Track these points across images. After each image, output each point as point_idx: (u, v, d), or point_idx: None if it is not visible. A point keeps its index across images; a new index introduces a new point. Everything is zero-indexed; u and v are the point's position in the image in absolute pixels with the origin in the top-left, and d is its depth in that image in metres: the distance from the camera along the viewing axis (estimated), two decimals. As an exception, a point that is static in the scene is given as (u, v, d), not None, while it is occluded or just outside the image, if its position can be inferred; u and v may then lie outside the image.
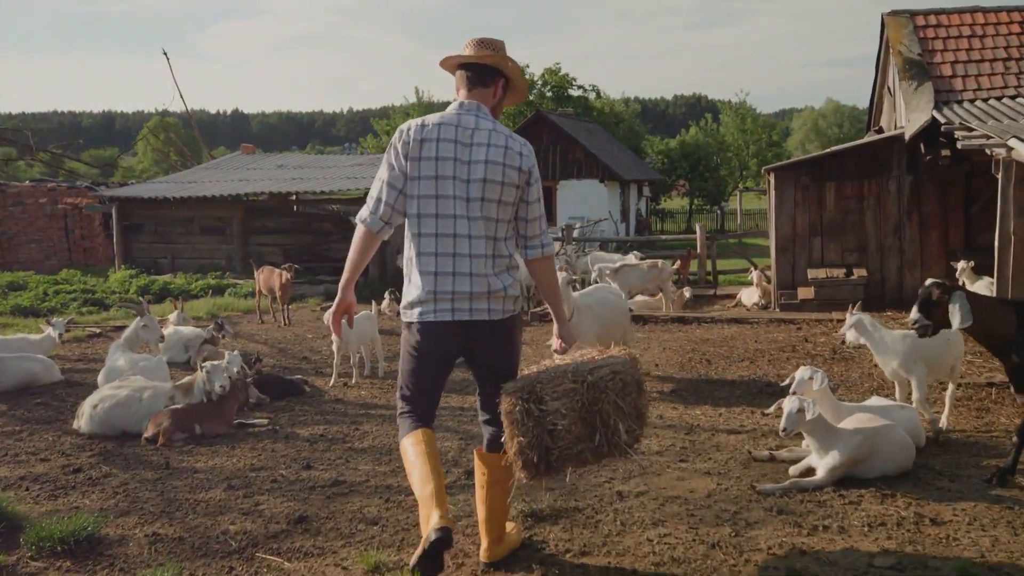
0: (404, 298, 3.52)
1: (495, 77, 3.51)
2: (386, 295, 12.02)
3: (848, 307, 6.07)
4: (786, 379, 5.11)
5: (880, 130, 14.35)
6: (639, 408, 3.43)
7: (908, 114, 10.87)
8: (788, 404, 4.58)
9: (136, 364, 7.28)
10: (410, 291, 3.48)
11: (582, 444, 3.34)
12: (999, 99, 10.66)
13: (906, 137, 10.81)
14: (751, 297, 12.44)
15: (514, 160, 3.40)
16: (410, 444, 3.47)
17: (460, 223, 3.37)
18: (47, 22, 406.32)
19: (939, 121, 9.97)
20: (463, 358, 3.62)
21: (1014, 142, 6.88)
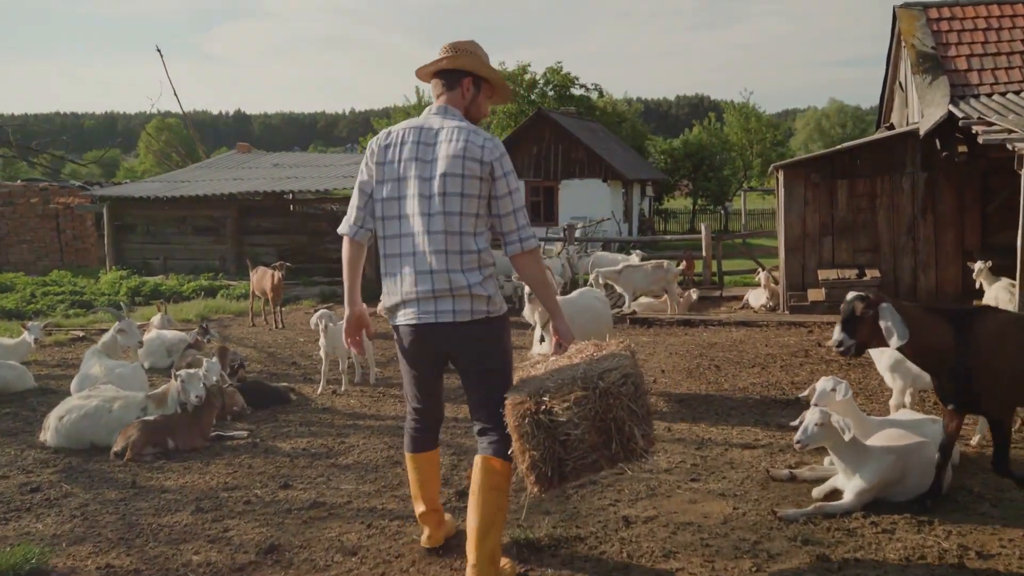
0: (380, 302, 3.51)
1: (459, 78, 3.50)
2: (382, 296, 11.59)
3: None
4: (802, 389, 4.68)
5: (891, 127, 13.91)
6: (648, 408, 3.33)
7: (922, 109, 10.44)
8: (810, 416, 4.16)
9: (112, 371, 6.86)
10: (383, 296, 3.48)
11: (597, 453, 3.19)
12: (1017, 93, 10.24)
13: (921, 132, 10.36)
14: (758, 299, 11.99)
15: (474, 152, 3.31)
16: (408, 462, 3.71)
17: (419, 220, 3.32)
18: (47, 23, 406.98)
19: (956, 116, 9.57)
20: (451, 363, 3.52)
21: (1041, 136, 6.46)
